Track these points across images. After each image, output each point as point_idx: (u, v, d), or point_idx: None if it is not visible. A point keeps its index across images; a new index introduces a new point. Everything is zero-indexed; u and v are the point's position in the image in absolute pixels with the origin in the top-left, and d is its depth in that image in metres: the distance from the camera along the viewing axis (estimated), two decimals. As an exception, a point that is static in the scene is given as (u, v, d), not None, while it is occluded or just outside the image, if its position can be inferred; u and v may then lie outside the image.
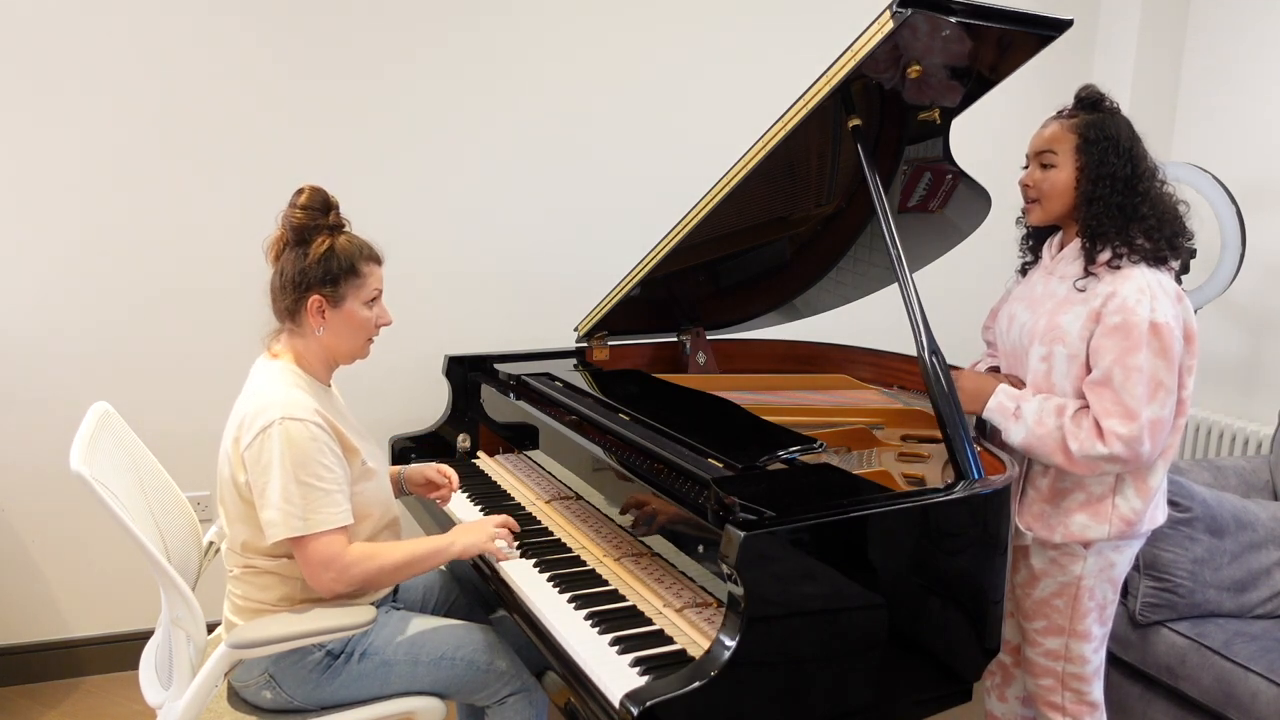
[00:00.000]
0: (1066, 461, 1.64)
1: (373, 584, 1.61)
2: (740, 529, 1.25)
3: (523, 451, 2.30)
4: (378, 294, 1.67)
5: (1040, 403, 1.68)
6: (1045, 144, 1.73)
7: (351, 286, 1.62)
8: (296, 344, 1.66)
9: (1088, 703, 1.82)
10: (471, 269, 2.84)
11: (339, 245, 1.61)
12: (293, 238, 1.61)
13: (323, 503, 1.53)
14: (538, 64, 2.79)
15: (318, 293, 1.60)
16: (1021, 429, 1.68)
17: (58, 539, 2.56)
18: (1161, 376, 1.60)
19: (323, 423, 1.56)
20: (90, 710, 2.47)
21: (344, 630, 1.56)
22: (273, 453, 1.51)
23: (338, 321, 1.63)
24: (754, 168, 1.85)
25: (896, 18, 1.52)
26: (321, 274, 1.60)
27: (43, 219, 2.42)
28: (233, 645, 1.49)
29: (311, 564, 1.54)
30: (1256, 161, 3.13)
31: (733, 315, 2.59)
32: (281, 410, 1.53)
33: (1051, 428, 1.64)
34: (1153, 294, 1.60)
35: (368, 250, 1.65)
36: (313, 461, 1.53)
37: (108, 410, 1.76)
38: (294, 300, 1.62)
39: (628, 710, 1.19)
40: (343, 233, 1.64)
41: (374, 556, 1.59)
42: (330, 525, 1.53)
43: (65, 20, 2.36)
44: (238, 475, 1.57)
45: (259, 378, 1.63)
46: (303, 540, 1.53)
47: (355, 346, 1.68)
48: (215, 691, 1.62)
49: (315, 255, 1.59)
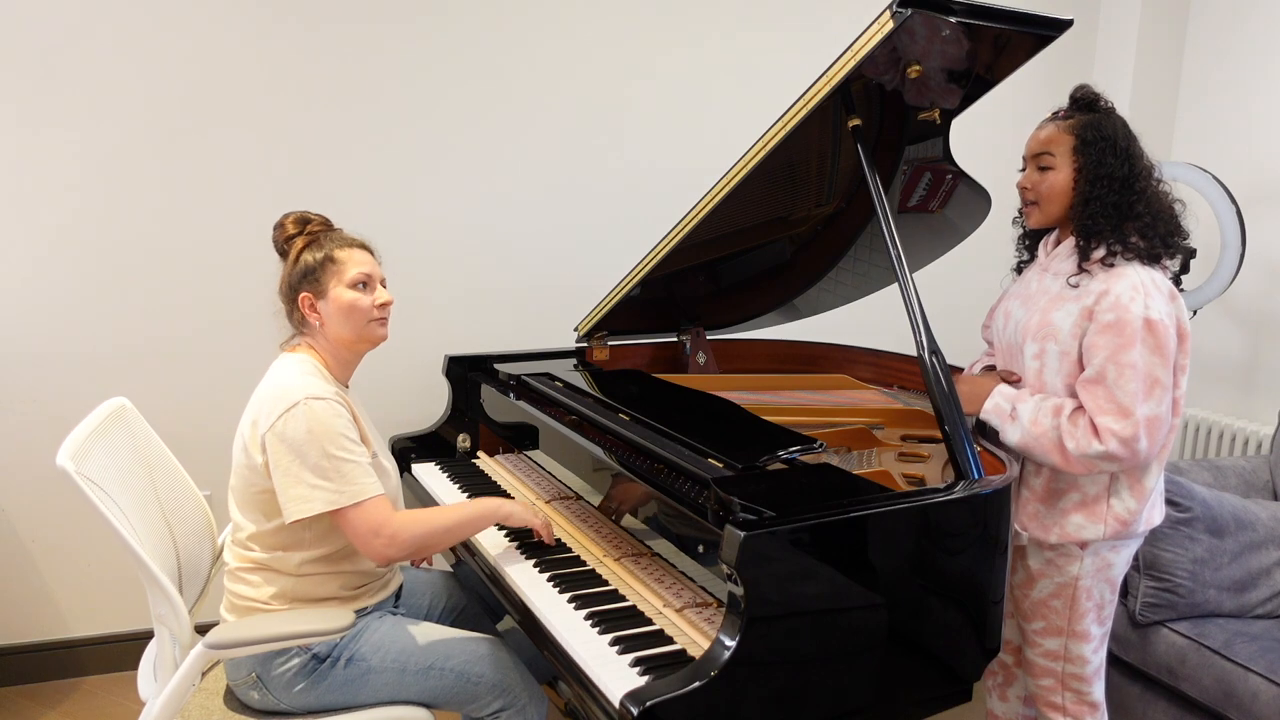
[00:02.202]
0: (1063, 461, 1.64)
1: (425, 547, 1.62)
2: (740, 529, 1.25)
3: (523, 451, 2.30)
4: (364, 276, 1.68)
5: (1036, 403, 1.68)
6: (1042, 146, 1.73)
7: (331, 275, 1.67)
8: (311, 343, 1.71)
9: (1088, 703, 1.82)
10: (472, 269, 2.84)
11: (311, 245, 1.69)
12: (281, 258, 1.72)
13: (356, 473, 1.56)
14: (538, 66, 2.79)
15: (304, 291, 1.67)
16: (1018, 430, 1.68)
17: (58, 539, 2.56)
18: (1157, 373, 1.60)
19: (343, 403, 1.61)
20: (90, 710, 2.47)
21: (320, 634, 1.54)
22: (299, 431, 1.53)
23: (329, 310, 1.67)
24: (754, 168, 1.85)
25: (896, 18, 1.52)
26: (302, 272, 1.67)
27: (49, 218, 2.42)
28: (209, 645, 1.49)
29: (361, 533, 1.55)
30: (1256, 161, 3.13)
31: (733, 315, 2.59)
32: (304, 391, 1.57)
33: (1047, 427, 1.64)
34: (1146, 291, 1.60)
35: (344, 239, 1.71)
36: (339, 435, 1.56)
37: (124, 405, 1.76)
38: (290, 307, 1.70)
39: (628, 710, 1.19)
40: (317, 236, 1.71)
41: (422, 519, 1.61)
42: (369, 493, 1.56)
43: (67, 19, 2.35)
44: (255, 457, 1.58)
45: (279, 369, 1.66)
46: (345, 512, 1.54)
47: (358, 329, 1.69)
48: (193, 690, 1.62)
49: (292, 259, 1.69)
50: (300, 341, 1.72)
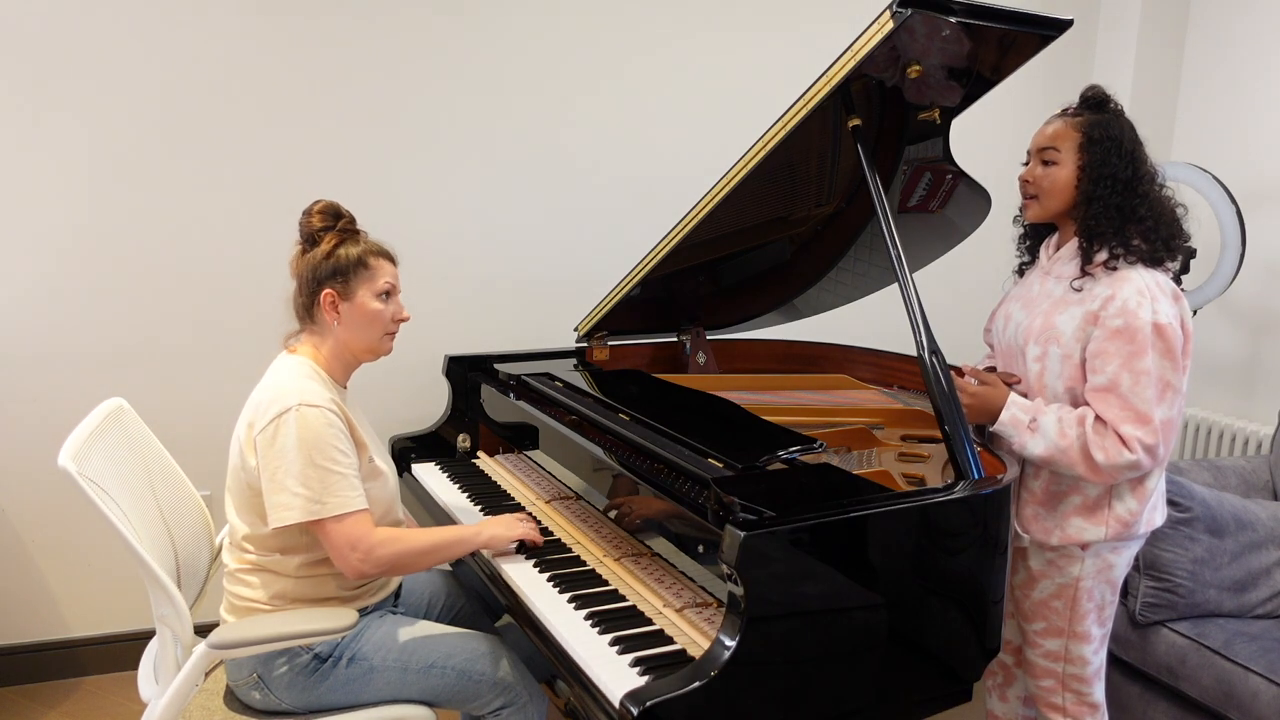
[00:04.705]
0: (1090, 472, 1.62)
1: (400, 567, 1.61)
2: (740, 529, 1.25)
3: (523, 451, 2.30)
4: (390, 288, 1.70)
5: (1058, 413, 1.65)
6: (1048, 141, 1.73)
7: (361, 279, 1.66)
8: (315, 342, 1.70)
9: (1089, 704, 1.82)
10: (472, 269, 2.84)
11: (347, 241, 1.67)
12: (305, 243, 1.69)
13: (340, 486, 1.55)
14: (537, 64, 2.79)
15: (329, 287, 1.65)
16: (1041, 441, 1.65)
17: (58, 539, 2.56)
18: (1169, 377, 1.60)
19: (338, 411, 1.59)
20: (90, 710, 2.47)
21: (323, 634, 1.54)
22: (289, 437, 1.53)
23: (351, 314, 1.67)
24: (754, 168, 1.85)
25: (896, 18, 1.52)
26: (331, 268, 1.65)
27: (48, 219, 2.42)
28: (211, 645, 1.49)
29: (337, 546, 1.55)
30: (1256, 161, 3.13)
31: (733, 315, 2.59)
32: (298, 397, 1.56)
33: (1074, 438, 1.62)
34: (1152, 295, 1.60)
35: (377, 247, 1.71)
36: (329, 446, 1.55)
37: (121, 406, 1.76)
38: (308, 296, 1.67)
39: (628, 710, 1.19)
40: (352, 234, 1.69)
41: (401, 539, 1.60)
42: (350, 508, 1.55)
43: (70, 18, 2.35)
44: (248, 459, 1.59)
45: (277, 371, 1.66)
46: (325, 524, 1.54)
47: (372, 340, 1.70)
48: (196, 690, 1.62)
49: (323, 251, 1.66)
50: (302, 339, 1.71)
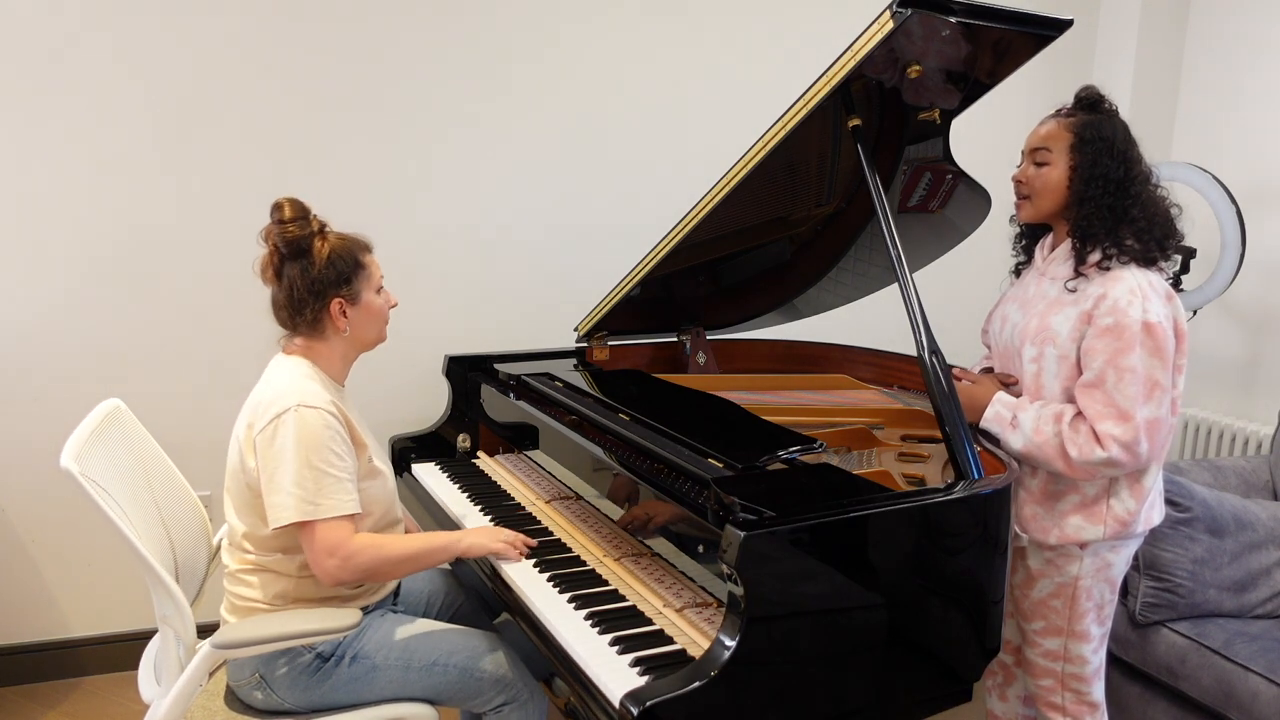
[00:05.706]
0: (1066, 468, 1.64)
1: (377, 574, 1.61)
2: (740, 529, 1.25)
3: (523, 451, 2.30)
4: (382, 278, 1.73)
5: (1037, 410, 1.68)
6: (1040, 141, 1.74)
7: (362, 280, 1.68)
8: (315, 344, 1.69)
9: (1088, 703, 1.82)
10: (472, 269, 2.84)
11: (337, 245, 1.66)
12: (288, 252, 1.64)
13: (334, 489, 1.55)
14: (538, 65, 2.79)
15: (336, 296, 1.65)
16: (1020, 437, 1.68)
17: (58, 539, 2.56)
18: (1157, 376, 1.60)
19: (336, 413, 1.59)
20: (90, 710, 2.47)
21: (327, 633, 1.55)
22: (287, 438, 1.53)
23: (360, 317, 1.69)
24: (754, 168, 1.85)
25: (896, 18, 1.52)
26: (335, 277, 1.64)
27: (50, 215, 2.42)
28: (216, 645, 1.49)
29: (316, 550, 1.54)
30: (1256, 161, 3.13)
31: (733, 315, 2.59)
32: (297, 398, 1.56)
33: (1050, 435, 1.64)
34: (1144, 294, 1.61)
35: (360, 241, 1.71)
36: (326, 448, 1.55)
37: (118, 406, 1.76)
38: (315, 310, 1.65)
39: (628, 710, 1.19)
40: (330, 232, 1.68)
41: (379, 546, 1.59)
42: (339, 511, 1.55)
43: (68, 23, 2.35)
44: (248, 460, 1.59)
45: (275, 372, 1.66)
46: (310, 526, 1.54)
47: (378, 333, 1.75)
48: (199, 690, 1.62)
49: (321, 261, 1.63)
50: (301, 343, 1.69)
